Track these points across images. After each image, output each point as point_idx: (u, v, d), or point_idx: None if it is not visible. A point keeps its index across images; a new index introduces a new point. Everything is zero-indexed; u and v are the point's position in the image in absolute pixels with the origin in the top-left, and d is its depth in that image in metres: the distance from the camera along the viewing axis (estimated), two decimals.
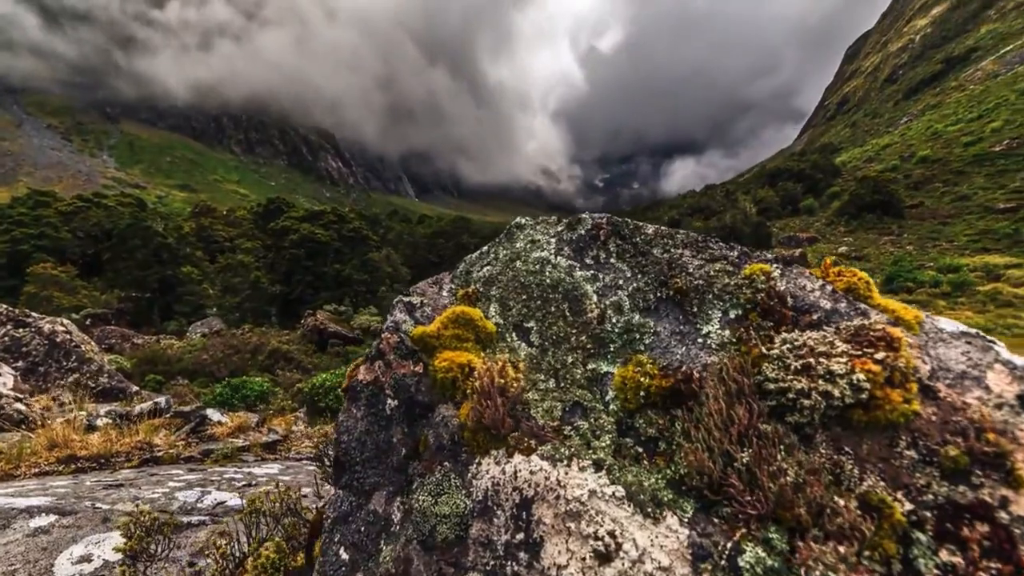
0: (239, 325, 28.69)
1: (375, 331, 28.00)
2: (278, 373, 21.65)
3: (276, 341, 24.93)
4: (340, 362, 23.89)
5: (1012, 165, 55.30)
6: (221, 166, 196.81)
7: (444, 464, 0.98)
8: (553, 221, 1.42)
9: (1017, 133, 59.86)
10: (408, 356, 1.10)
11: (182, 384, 21.96)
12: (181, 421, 6.65)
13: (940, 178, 60.29)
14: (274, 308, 32.97)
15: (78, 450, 5.23)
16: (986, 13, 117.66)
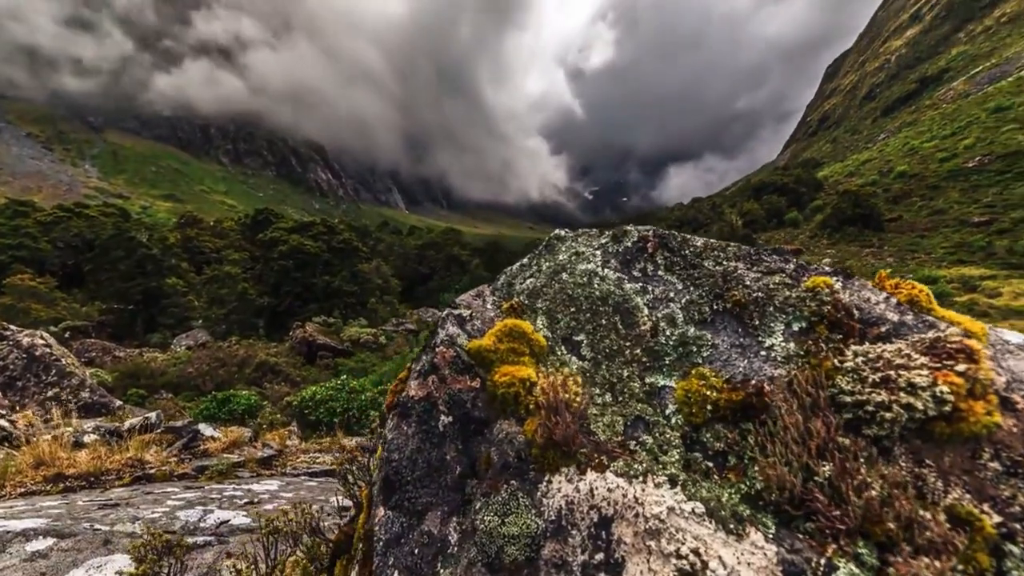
0: (226, 337, 28.14)
1: (365, 343, 27.69)
2: (266, 386, 21.23)
3: (264, 353, 24.48)
4: (329, 374, 23.52)
5: (984, 180, 57.23)
6: (208, 176, 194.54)
7: (511, 483, 0.95)
8: (595, 234, 1.43)
9: (988, 150, 62.01)
10: (464, 371, 1.08)
11: (166, 398, 21.42)
12: (173, 437, 6.46)
13: (917, 192, 62.04)
14: (262, 320, 32.42)
15: (66, 468, 5.04)
16: (956, 36, 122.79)
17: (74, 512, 3.05)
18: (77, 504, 3.48)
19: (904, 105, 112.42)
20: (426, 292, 42.62)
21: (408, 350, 25.13)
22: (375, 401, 14.16)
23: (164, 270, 36.35)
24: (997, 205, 51.48)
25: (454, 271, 44.70)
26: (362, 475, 1.99)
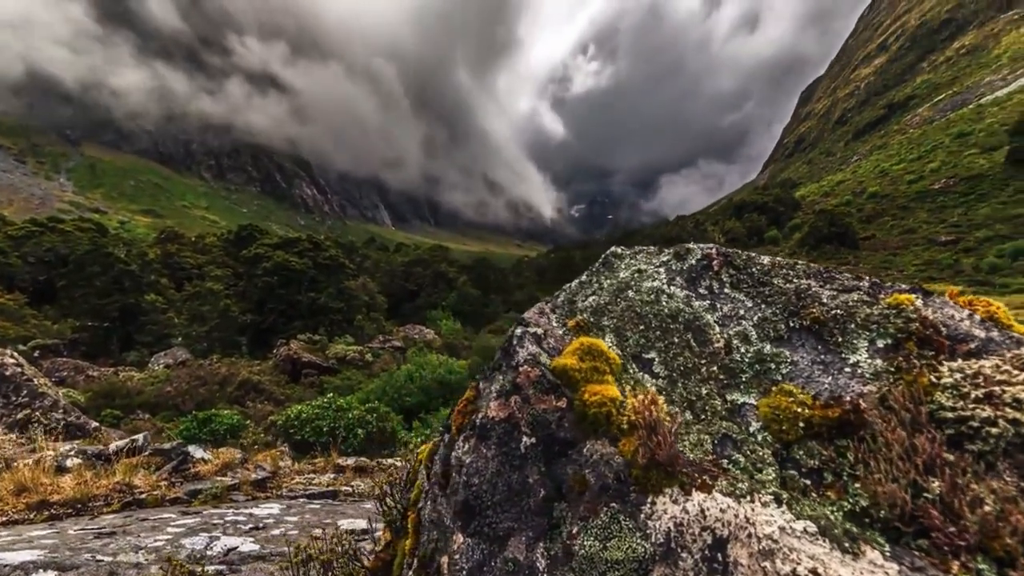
0: (207, 355, 27.35)
1: (351, 360, 27.20)
2: (249, 405, 20.58)
3: (247, 372, 23.81)
4: (315, 393, 22.98)
5: (950, 202, 60.01)
6: (190, 192, 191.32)
7: (611, 505, 0.93)
8: (655, 251, 1.44)
9: (952, 173, 65.19)
10: (550, 390, 1.06)
11: (143, 419, 20.63)
12: (161, 459, 6.20)
13: (889, 212, 64.61)
14: (245, 338, 31.65)
15: (50, 494, 4.78)
16: (920, 65, 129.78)
17: (69, 542, 2.88)
18: (69, 533, 3.29)
19: (874, 129, 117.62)
20: (413, 309, 42.25)
21: (395, 367, 24.74)
22: (362, 419, 13.86)
23: (143, 286, 35.37)
24: (962, 225, 53.83)
25: (441, 288, 44.50)
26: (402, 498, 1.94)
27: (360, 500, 5.71)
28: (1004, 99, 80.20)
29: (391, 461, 8.47)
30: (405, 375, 21.63)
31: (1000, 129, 66.35)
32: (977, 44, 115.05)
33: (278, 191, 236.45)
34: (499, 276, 53.55)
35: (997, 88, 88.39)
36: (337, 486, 6.26)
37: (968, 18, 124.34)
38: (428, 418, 18.96)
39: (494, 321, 42.50)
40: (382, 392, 20.77)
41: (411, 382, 21.25)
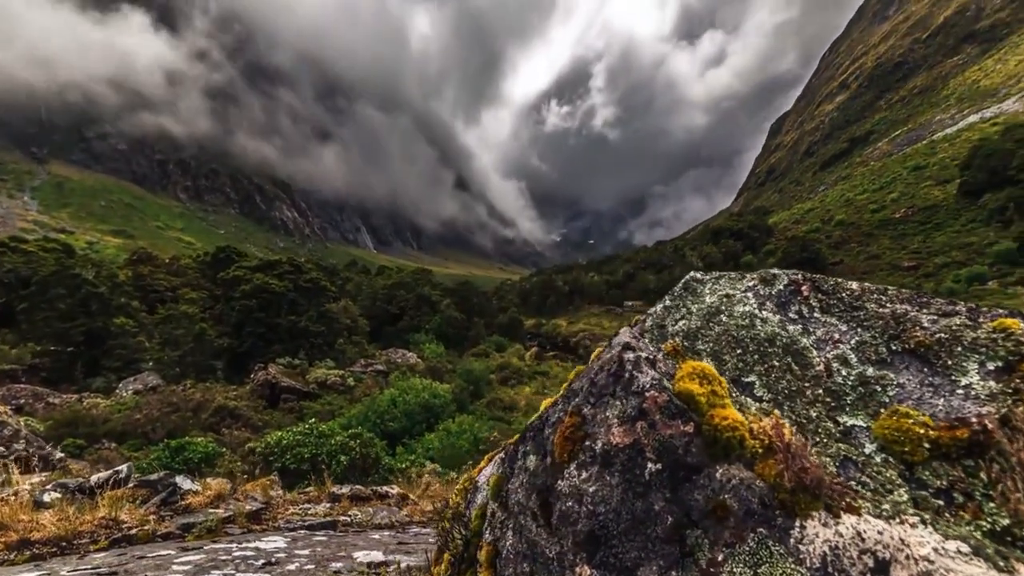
0: (180, 381, 26.21)
1: (332, 384, 26.47)
2: (224, 432, 19.70)
3: (222, 397, 22.88)
4: (294, 419, 22.19)
5: (910, 230, 63.34)
6: (164, 212, 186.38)
7: (758, 530, 0.92)
8: (736, 276, 1.49)
9: (911, 203, 69.02)
10: (677, 415, 1.06)
11: (108, 448, 19.53)
12: (148, 492, 5.85)
13: (855, 239, 67.65)
14: (220, 362, 30.52)
15: (29, 532, 4.45)
16: (878, 103, 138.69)
17: None
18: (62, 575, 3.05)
19: (839, 161, 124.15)
20: (395, 332, 41.62)
21: (378, 391, 24.19)
22: (345, 446, 13.42)
23: (112, 309, 33.91)
24: (922, 252, 56.67)
25: (424, 311, 44.11)
26: (463, 528, 1.88)
27: (362, 530, 5.49)
28: (953, 136, 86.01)
29: (386, 489, 8.19)
30: (388, 400, 21.17)
31: (951, 163, 70.83)
32: (927, 85, 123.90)
33: (257, 213, 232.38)
34: (482, 299, 53.47)
35: (947, 126, 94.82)
36: (335, 516, 6.00)
37: (918, 61, 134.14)
38: (412, 443, 18.49)
39: (477, 344, 42.19)
40: (364, 417, 20.23)
41: (394, 407, 20.79)
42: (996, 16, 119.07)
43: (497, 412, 24.24)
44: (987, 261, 45.66)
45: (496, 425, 20.21)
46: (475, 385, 26.21)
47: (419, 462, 14.58)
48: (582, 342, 47.28)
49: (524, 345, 47.83)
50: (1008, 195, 51.31)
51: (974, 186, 58.12)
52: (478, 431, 18.07)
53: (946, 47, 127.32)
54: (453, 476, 11.58)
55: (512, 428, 19.03)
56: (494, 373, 30.06)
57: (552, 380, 30.40)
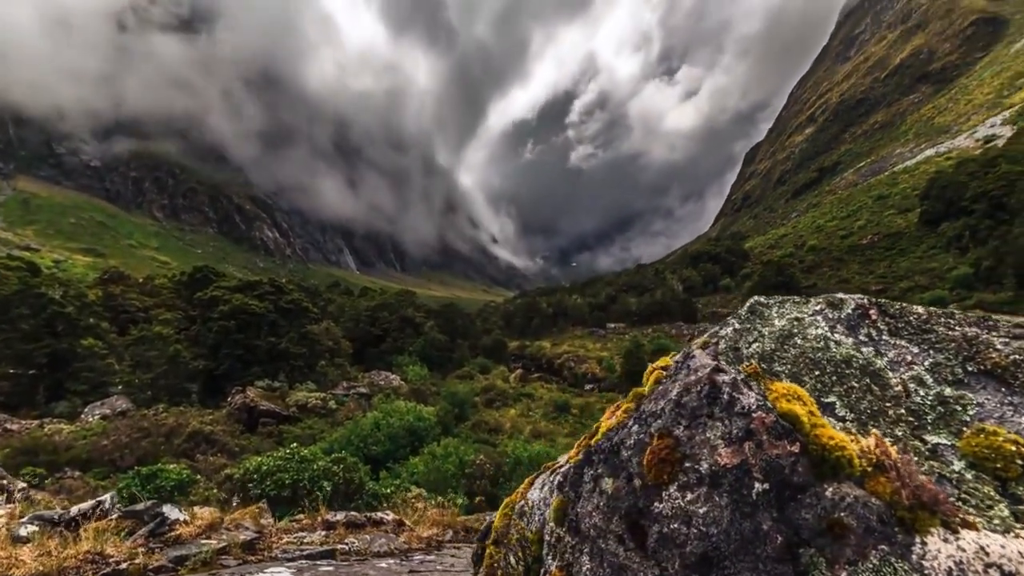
0: (151, 405, 25.07)
1: (313, 407, 25.71)
2: (199, 458, 18.82)
3: (197, 422, 21.94)
4: (272, 443, 21.40)
5: (876, 255, 66.22)
6: (138, 231, 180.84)
7: (879, 547, 0.96)
8: (801, 300, 1.56)
9: (876, 230, 72.36)
10: (783, 435, 1.10)
11: (72, 477, 18.47)
12: (133, 523, 5.53)
13: (826, 264, 70.20)
14: (195, 385, 29.38)
15: (8, 569, 4.15)
16: (843, 136, 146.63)
17: None
18: None
19: (809, 190, 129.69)
20: (378, 354, 40.90)
21: (361, 414, 23.59)
22: (328, 471, 13.01)
23: (79, 330, 32.45)
24: (888, 276, 59.14)
25: (408, 333, 43.58)
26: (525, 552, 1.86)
27: (364, 558, 5.31)
28: (912, 168, 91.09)
29: (381, 515, 7.94)
30: (372, 423, 20.69)
31: (912, 193, 74.75)
32: (887, 121, 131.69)
33: (236, 232, 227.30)
34: (466, 321, 53.19)
35: (906, 159, 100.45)
36: (332, 544, 5.78)
37: (878, 99, 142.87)
38: (396, 467, 18.03)
39: (461, 366, 41.74)
40: (347, 441, 19.70)
41: (378, 430, 20.32)
42: (946, 59, 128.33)
43: (482, 435, 23.93)
44: (947, 286, 47.95)
45: (482, 448, 19.90)
46: (460, 407, 25.86)
47: (404, 487, 14.19)
48: (566, 364, 47.25)
49: (508, 367, 47.52)
50: (964, 224, 54.34)
51: (933, 215, 61.39)
52: (464, 454, 17.77)
53: (903, 86, 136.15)
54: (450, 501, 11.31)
55: (498, 451, 18.74)
56: (479, 395, 29.73)
57: (537, 402, 30.16)
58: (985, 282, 45.24)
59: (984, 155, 62.94)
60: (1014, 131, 74.76)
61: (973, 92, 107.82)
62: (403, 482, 15.15)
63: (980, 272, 46.19)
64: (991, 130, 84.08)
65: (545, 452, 17.63)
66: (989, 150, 68.21)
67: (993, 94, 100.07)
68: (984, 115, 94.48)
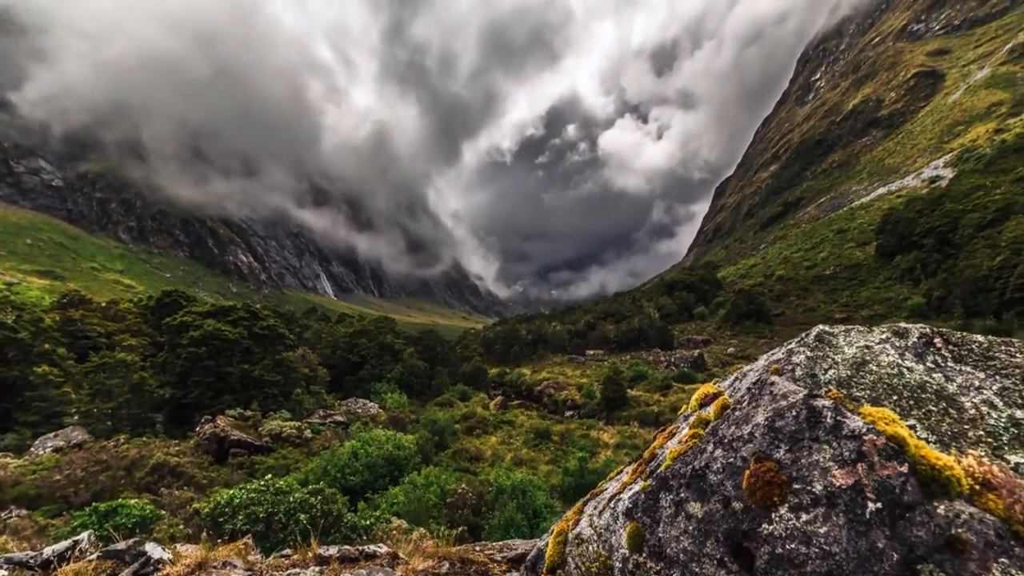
0: (111, 435, 23.51)
1: (288, 437, 24.66)
2: (163, 493, 17.64)
3: (162, 453, 20.67)
4: (244, 475, 20.35)
5: (839, 285, 69.35)
6: (102, 253, 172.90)
7: (1000, 560, 1.03)
8: (864, 329, 1.67)
9: (838, 261, 76.05)
10: (892, 457, 1.18)
11: (19, 515, 17.06)
12: (113, 563, 5.14)
13: (793, 293, 72.94)
14: (161, 414, 27.82)
15: None
16: (805, 173, 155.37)
17: None
18: None
19: (775, 223, 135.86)
20: (356, 382, 39.79)
21: (338, 443, 22.76)
22: (305, 503, 12.48)
23: (32, 357, 30.52)
24: (850, 305, 61.88)
25: (387, 360, 42.68)
26: None
27: None
28: (868, 204, 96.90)
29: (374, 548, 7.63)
30: (349, 452, 20.03)
31: (868, 228, 79.27)
32: (844, 160, 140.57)
33: (208, 257, 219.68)
34: (446, 348, 52.53)
35: (862, 196, 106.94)
36: None
37: (835, 140, 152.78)
38: (375, 498, 17.41)
39: (441, 394, 40.95)
40: (323, 471, 18.97)
41: (356, 460, 19.66)
42: (893, 107, 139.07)
43: (463, 463, 23.42)
44: (903, 314, 50.59)
45: (463, 476, 19.45)
46: (440, 435, 25.31)
47: (384, 518, 13.68)
48: (546, 390, 46.96)
49: (488, 394, 46.89)
50: (915, 257, 57.82)
51: (888, 248, 65.11)
52: (445, 483, 17.34)
53: (856, 130, 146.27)
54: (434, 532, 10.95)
55: (479, 479, 18.33)
56: (459, 423, 29.16)
57: (518, 429, 29.74)
58: (937, 311, 47.97)
59: (930, 194, 67.68)
60: (955, 173, 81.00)
61: (918, 137, 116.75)
62: (383, 513, 14.62)
63: (932, 302, 49.02)
64: (935, 171, 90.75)
65: (528, 480, 17.38)
66: (934, 189, 73.49)
67: (935, 139, 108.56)
68: (928, 158, 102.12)
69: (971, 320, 41.01)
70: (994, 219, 47.48)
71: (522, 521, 15.06)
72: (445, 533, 10.07)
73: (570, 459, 20.63)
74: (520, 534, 14.71)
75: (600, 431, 29.86)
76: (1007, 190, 51.99)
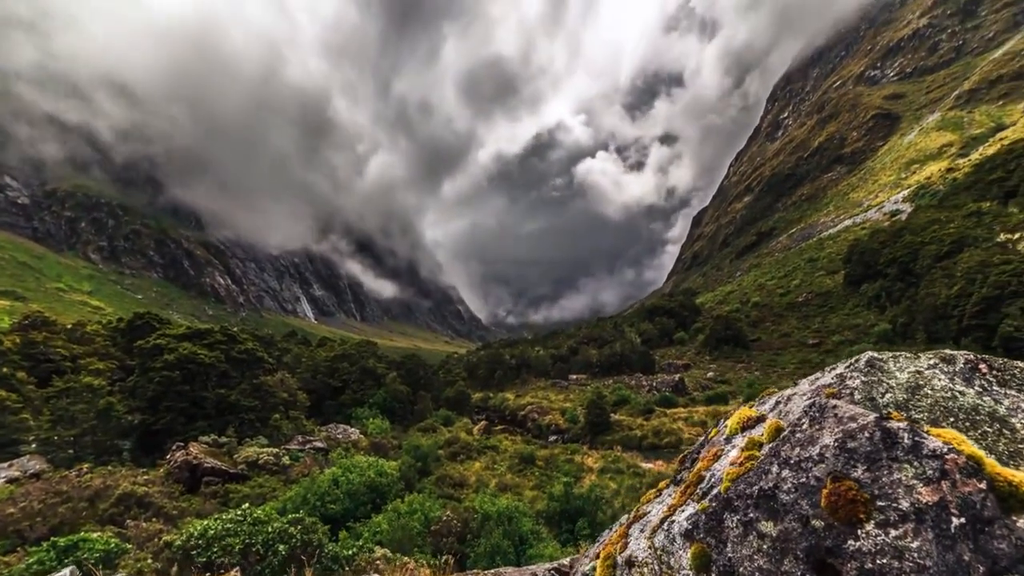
0: (73, 464, 22.14)
1: (264, 464, 23.70)
2: (129, 525, 16.54)
3: (128, 482, 19.49)
4: (217, 505, 19.36)
5: (811, 311, 71.64)
6: (69, 273, 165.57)
7: None
8: (911, 356, 1.81)
9: (810, 289, 78.78)
10: (972, 474, 1.29)
11: None
12: None
13: (769, 319, 74.88)
14: (129, 442, 26.42)
15: None
16: (777, 205, 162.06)
17: None
18: None
19: (750, 251, 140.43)
20: (337, 407, 38.71)
21: (318, 470, 22.00)
22: (284, 533, 11.98)
23: None
24: (822, 330, 63.84)
25: (368, 385, 41.76)
26: None
27: None
28: (835, 235, 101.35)
29: None
30: (329, 479, 19.41)
31: (836, 257, 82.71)
32: (812, 194, 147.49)
33: (184, 278, 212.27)
34: (429, 373, 51.76)
35: (829, 227, 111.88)
36: None
37: (803, 175, 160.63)
38: (357, 527, 16.85)
39: (424, 419, 40.12)
40: (303, 500, 18.31)
41: (336, 487, 19.04)
42: (855, 145, 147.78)
43: (447, 489, 22.93)
44: (871, 340, 52.60)
45: (447, 503, 19.03)
46: (423, 461, 24.76)
47: (367, 547, 13.22)
48: (530, 415, 46.54)
49: (472, 419, 46.14)
50: (880, 285, 60.49)
51: (855, 277, 67.93)
52: (429, 510, 16.93)
53: (822, 165, 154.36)
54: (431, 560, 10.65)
55: (464, 506, 17.98)
56: (442, 448, 28.60)
57: (502, 454, 29.31)
58: (902, 337, 50.01)
59: (892, 227, 71.30)
60: (913, 207, 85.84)
61: (878, 173, 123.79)
62: (366, 542, 14.11)
63: (897, 328, 51.14)
64: (895, 206, 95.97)
65: (514, 506, 17.11)
66: (895, 222, 77.47)
67: (894, 176, 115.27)
68: (889, 193, 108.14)
69: (933, 345, 42.84)
70: (949, 251, 50.26)
71: (508, 548, 14.78)
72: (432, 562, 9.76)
73: (555, 484, 20.38)
74: (507, 561, 14.38)
75: (584, 456, 29.64)
76: (960, 224, 55.32)
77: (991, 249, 46.03)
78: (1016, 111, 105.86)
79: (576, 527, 17.33)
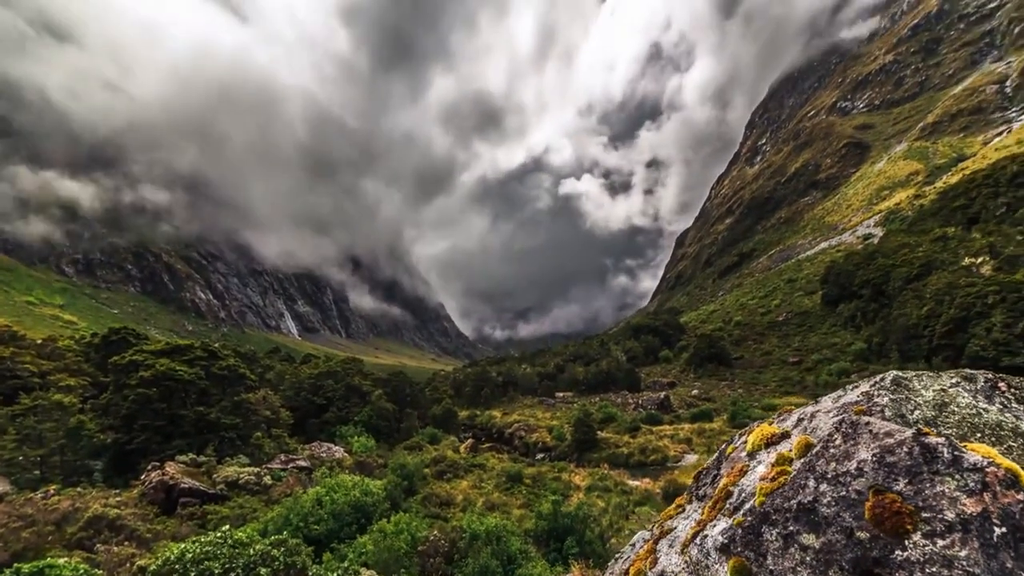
0: (39, 486, 21.06)
1: (245, 484, 22.97)
2: (99, 550, 15.74)
3: (99, 504, 18.63)
4: (194, 527, 18.62)
5: (791, 330, 73.18)
6: (40, 286, 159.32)
7: None
8: (933, 375, 1.94)
9: (789, 308, 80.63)
10: (1011, 486, 1.40)
11: None
12: None
13: (751, 338, 76.15)
14: (101, 462, 25.30)
15: None
16: (756, 227, 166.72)
17: None
18: None
19: (732, 272, 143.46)
20: (321, 425, 37.80)
21: (301, 490, 21.37)
22: (267, 555, 11.64)
23: None
24: (802, 349, 65.13)
25: (354, 402, 40.98)
26: None
27: None
28: (813, 257, 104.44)
29: None
30: (313, 499, 18.90)
31: (814, 278, 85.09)
32: (790, 217, 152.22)
33: (163, 292, 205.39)
34: (415, 390, 51.07)
35: (807, 249, 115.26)
36: None
37: (781, 198, 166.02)
38: (342, 548, 16.40)
39: (410, 437, 39.44)
40: (285, 520, 17.77)
41: (320, 507, 18.55)
42: (829, 171, 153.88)
43: (434, 508, 22.54)
44: (848, 358, 54.03)
45: (434, 523, 18.69)
46: (409, 480, 24.31)
47: (352, 569, 12.90)
48: (517, 433, 46.11)
49: (459, 437, 45.52)
50: (855, 306, 62.35)
51: (832, 297, 69.91)
52: (416, 530, 16.60)
53: (799, 190, 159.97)
54: None
55: (451, 525, 17.69)
56: (429, 467, 28.12)
57: (489, 473, 28.95)
58: (877, 355, 51.43)
59: (865, 249, 73.85)
60: (884, 232, 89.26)
61: (851, 199, 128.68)
62: (351, 564, 13.75)
63: (872, 347, 52.62)
64: (868, 230, 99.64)
65: (502, 525, 16.88)
66: (868, 245, 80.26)
67: (866, 201, 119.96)
68: (861, 217, 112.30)
69: (906, 364, 44.10)
70: (919, 273, 52.27)
71: (497, 568, 14.57)
72: None
73: (543, 503, 20.18)
74: None
75: (572, 473, 29.44)
76: (928, 248, 57.73)
77: (957, 272, 48.01)
78: (976, 143, 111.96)
79: (564, 545, 17.14)
